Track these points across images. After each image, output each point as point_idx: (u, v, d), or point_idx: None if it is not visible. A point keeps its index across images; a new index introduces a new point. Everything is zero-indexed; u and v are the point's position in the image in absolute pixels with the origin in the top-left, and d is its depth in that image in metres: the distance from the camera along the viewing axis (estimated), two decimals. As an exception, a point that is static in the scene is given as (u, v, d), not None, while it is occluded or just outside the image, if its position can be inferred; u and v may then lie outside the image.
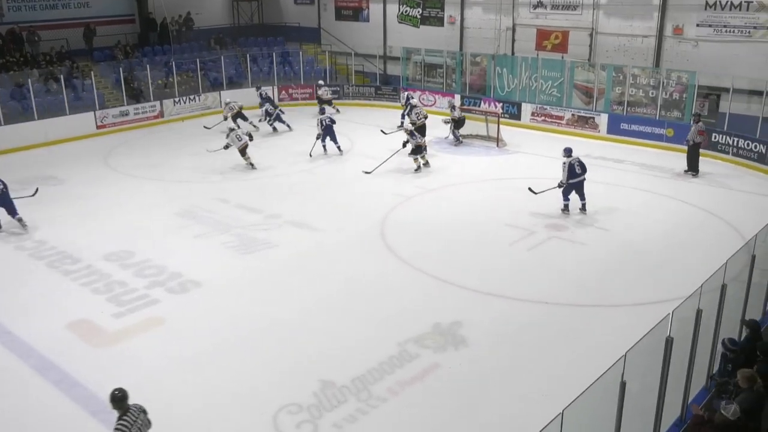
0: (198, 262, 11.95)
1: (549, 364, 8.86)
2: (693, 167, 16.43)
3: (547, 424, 4.53)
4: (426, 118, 18.81)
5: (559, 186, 13.69)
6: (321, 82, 24.34)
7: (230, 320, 10.06)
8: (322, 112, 19.40)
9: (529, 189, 14.14)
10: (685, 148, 16.89)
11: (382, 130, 19.74)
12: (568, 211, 13.85)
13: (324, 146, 18.62)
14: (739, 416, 5.67)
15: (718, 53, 19.25)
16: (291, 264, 11.97)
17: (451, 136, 19.98)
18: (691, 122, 16.77)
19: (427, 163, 17.20)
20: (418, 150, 16.87)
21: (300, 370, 8.69)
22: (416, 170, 16.90)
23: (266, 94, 22.88)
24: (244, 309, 10.40)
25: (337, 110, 23.24)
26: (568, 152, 13.81)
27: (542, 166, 17.70)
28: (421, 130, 17.95)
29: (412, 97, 21.25)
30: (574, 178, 13.62)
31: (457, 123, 19.84)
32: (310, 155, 18.45)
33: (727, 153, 17.88)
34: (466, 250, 12.48)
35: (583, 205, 13.87)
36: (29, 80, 20.44)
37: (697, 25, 19.54)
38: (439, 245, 12.66)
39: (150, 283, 11.18)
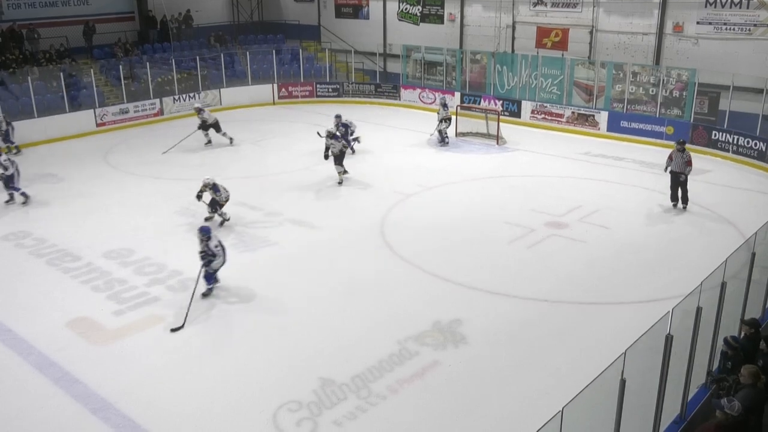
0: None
1: (549, 361, 8.86)
2: (684, 200, 14.11)
3: (547, 422, 4.53)
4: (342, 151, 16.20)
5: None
6: (198, 105, 20.20)
7: (230, 317, 10.06)
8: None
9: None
10: (687, 146, 16.78)
11: (318, 132, 17.25)
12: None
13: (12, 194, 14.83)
14: (741, 412, 5.67)
15: (718, 51, 19.25)
16: (291, 262, 11.97)
17: (437, 136, 19.51)
18: (676, 149, 14.11)
19: (341, 182, 16.06)
20: (336, 160, 15.86)
21: (300, 368, 8.70)
22: (339, 183, 15.97)
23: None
24: (243, 306, 10.40)
25: (213, 139, 19.73)
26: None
27: (542, 163, 17.73)
28: (339, 158, 16.01)
29: (350, 125, 18.29)
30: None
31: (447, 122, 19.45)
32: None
33: (727, 151, 17.88)
34: (466, 247, 12.48)
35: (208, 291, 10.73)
36: (29, 78, 20.43)
37: (698, 23, 19.54)
38: (439, 243, 12.66)
39: (150, 280, 11.18)
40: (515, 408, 7.95)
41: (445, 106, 19.57)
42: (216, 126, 19.48)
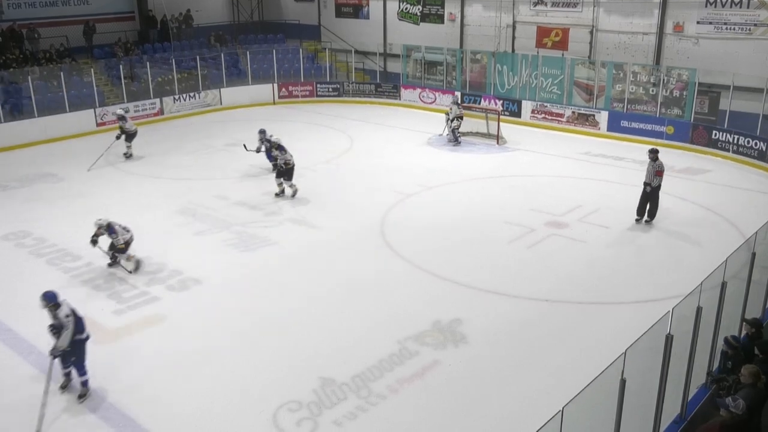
0: (198, 260, 11.95)
1: (549, 361, 8.86)
2: (651, 213, 13.37)
3: (547, 422, 4.53)
4: (289, 164, 14.97)
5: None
6: (120, 111, 18.89)
7: (230, 317, 10.06)
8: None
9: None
10: (688, 145, 16.85)
11: (244, 145, 17.25)
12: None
13: None
14: (745, 411, 5.68)
15: (718, 50, 19.24)
16: (291, 261, 11.97)
17: (450, 135, 19.62)
18: (649, 159, 13.25)
19: (282, 192, 15.12)
20: (282, 173, 14.98)
21: (300, 368, 8.69)
22: (276, 194, 15.08)
23: None
24: (244, 306, 10.40)
25: (130, 155, 18.33)
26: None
27: (542, 163, 17.73)
28: (289, 172, 15.02)
29: (270, 137, 16.34)
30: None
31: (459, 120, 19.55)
32: None
33: (728, 150, 17.87)
34: (466, 247, 12.48)
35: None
36: (29, 77, 20.43)
37: (698, 23, 19.54)
38: (439, 243, 12.65)
39: (150, 280, 11.18)
40: (515, 408, 7.95)
41: (457, 104, 19.64)
42: (132, 136, 18.09)
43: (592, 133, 20.45)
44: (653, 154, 13.18)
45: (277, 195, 15.14)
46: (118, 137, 17.95)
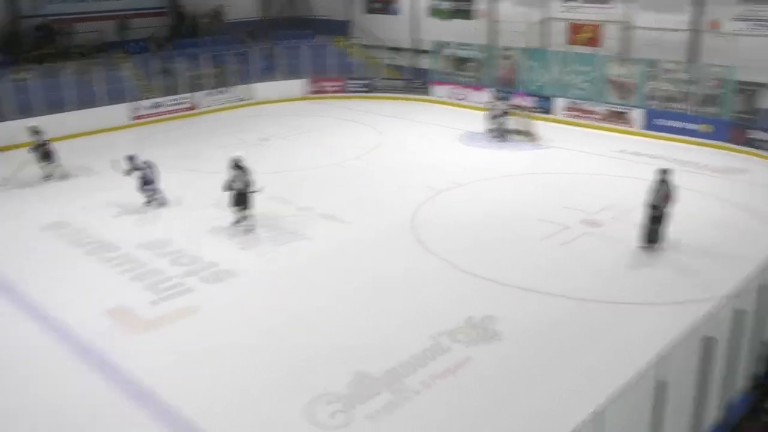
0: (232, 253, 12.09)
1: (582, 360, 8.79)
2: (653, 238, 11.87)
3: (581, 422, 4.50)
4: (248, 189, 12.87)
5: None
6: (35, 124, 16.39)
7: (264, 310, 10.17)
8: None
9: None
10: (724, 144, 16.48)
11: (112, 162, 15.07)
12: None
13: None
14: None
15: (755, 47, 18.81)
16: (324, 256, 12.04)
17: (496, 131, 19.36)
18: (658, 179, 11.76)
19: (241, 224, 13.03)
20: (241, 201, 12.89)
21: (334, 361, 8.76)
22: (236, 222, 13.06)
23: None
24: (277, 299, 10.51)
25: (53, 175, 16.27)
26: None
27: (576, 161, 17.54)
28: (245, 199, 12.87)
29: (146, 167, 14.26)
30: None
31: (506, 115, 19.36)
32: None
33: (766, 150, 17.49)
34: (498, 245, 12.42)
35: None
36: (65, 72, 20.78)
37: (734, 19, 19.14)
38: (471, 240, 12.61)
39: (185, 272, 11.35)
40: (547, 406, 7.91)
41: (501, 99, 19.46)
42: (45, 155, 16.05)
43: (627, 131, 20.17)
44: (663, 174, 11.61)
45: (237, 222, 13.04)
46: (43, 158, 16.11)
